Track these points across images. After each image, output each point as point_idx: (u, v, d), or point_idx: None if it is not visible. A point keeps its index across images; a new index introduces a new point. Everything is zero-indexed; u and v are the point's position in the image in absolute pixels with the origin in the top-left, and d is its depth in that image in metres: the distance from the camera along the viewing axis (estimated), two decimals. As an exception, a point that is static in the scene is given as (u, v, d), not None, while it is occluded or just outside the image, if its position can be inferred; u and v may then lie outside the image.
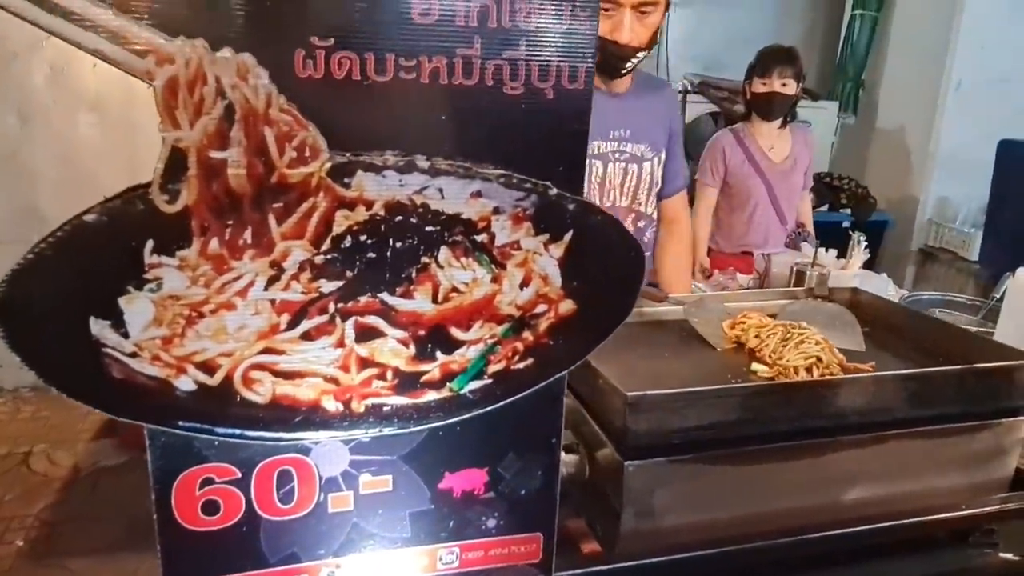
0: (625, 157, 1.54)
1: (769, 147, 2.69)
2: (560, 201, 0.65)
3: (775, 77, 2.53)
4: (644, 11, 1.35)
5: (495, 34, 0.61)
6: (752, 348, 1.10)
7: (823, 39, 4.23)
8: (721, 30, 4.11)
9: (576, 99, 0.65)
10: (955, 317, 2.00)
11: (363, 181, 0.60)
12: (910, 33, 3.80)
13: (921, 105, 3.68)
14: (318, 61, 0.58)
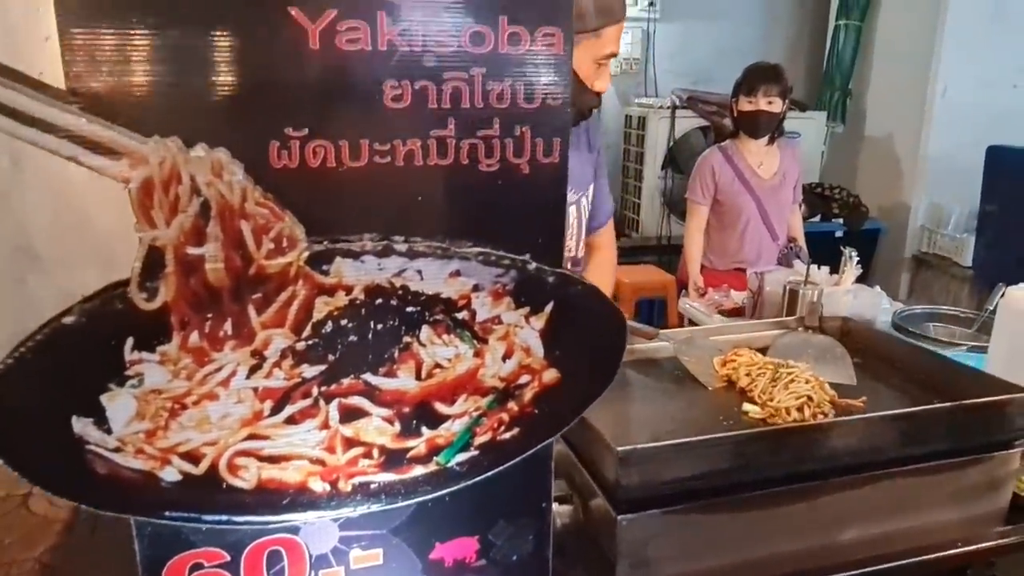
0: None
1: (758, 164, 2.70)
2: (539, 275, 0.65)
3: (760, 95, 2.55)
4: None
5: (469, 114, 0.62)
6: (743, 387, 1.10)
7: (809, 50, 4.26)
8: (708, 43, 4.13)
9: (552, 172, 0.65)
10: (950, 331, 2.01)
11: (342, 267, 0.60)
12: (894, 41, 3.83)
13: (908, 112, 3.69)
14: (293, 151, 0.58)
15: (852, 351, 1.25)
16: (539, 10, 0.61)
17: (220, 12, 0.55)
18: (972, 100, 3.55)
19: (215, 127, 0.56)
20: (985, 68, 3.53)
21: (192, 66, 0.55)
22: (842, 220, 3.62)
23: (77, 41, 0.53)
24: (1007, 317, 1.46)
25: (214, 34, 0.55)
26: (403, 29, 0.59)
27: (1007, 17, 3.49)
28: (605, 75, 1.34)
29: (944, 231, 3.61)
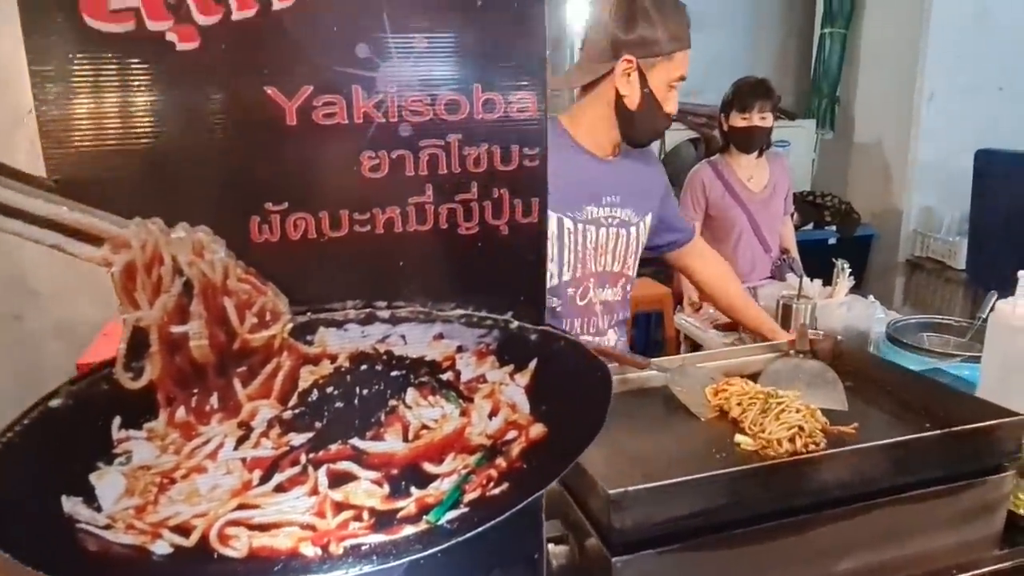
0: (616, 222, 1.56)
1: (748, 177, 2.72)
2: (522, 333, 0.66)
3: (755, 111, 2.57)
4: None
5: (446, 180, 0.63)
6: (735, 417, 1.11)
7: (796, 58, 4.29)
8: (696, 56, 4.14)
9: (531, 232, 0.66)
10: (944, 340, 2.01)
11: (325, 337, 0.61)
12: (880, 48, 3.86)
13: (897, 118, 3.72)
14: (273, 225, 0.59)
15: (843, 374, 1.26)
16: (513, 75, 0.62)
17: (198, 93, 0.56)
18: (959, 104, 3.58)
19: (196, 206, 0.57)
20: (970, 72, 3.56)
21: (171, 148, 0.56)
22: (835, 227, 3.64)
23: (55, 127, 0.54)
24: (997, 332, 1.47)
25: (192, 115, 0.56)
26: (378, 101, 0.60)
27: (990, 22, 3.52)
28: (674, 98, 1.45)
29: (936, 235, 3.62)
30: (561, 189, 1.51)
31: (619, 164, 1.55)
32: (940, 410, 1.13)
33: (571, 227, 1.48)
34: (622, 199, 1.55)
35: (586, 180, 1.49)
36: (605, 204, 1.53)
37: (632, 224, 1.57)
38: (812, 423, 1.04)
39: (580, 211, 1.49)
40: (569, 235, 1.49)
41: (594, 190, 1.50)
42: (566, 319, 1.54)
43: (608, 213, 1.54)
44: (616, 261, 1.58)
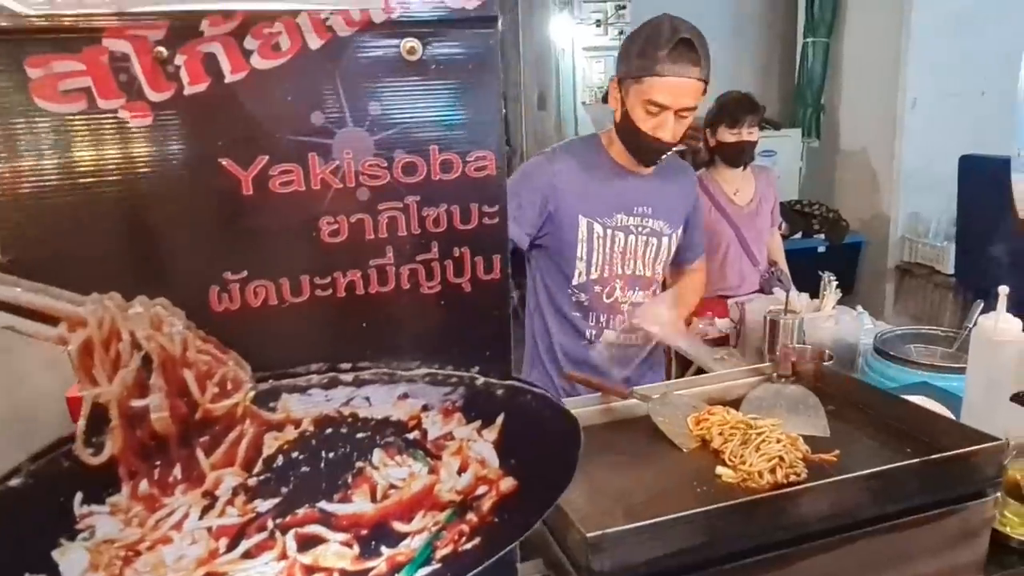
0: (647, 231, 1.68)
1: (734, 191, 2.73)
2: (488, 388, 0.66)
3: (745, 127, 2.58)
4: (684, 115, 1.51)
5: (406, 241, 0.63)
6: (717, 448, 1.11)
7: (779, 68, 4.32)
8: (679, 67, 4.18)
9: (494, 288, 0.66)
10: (931, 351, 2.02)
11: (288, 403, 0.61)
12: (862, 56, 3.88)
13: (881, 125, 3.74)
14: (233, 294, 0.59)
15: (826, 397, 1.26)
16: (470, 136, 0.63)
17: (152, 168, 0.56)
18: (942, 110, 3.61)
19: (154, 278, 0.57)
20: (952, 78, 3.59)
21: (127, 222, 0.56)
22: (823, 235, 3.65)
23: (5, 206, 0.54)
24: (979, 347, 1.47)
25: (147, 190, 0.56)
26: (335, 167, 0.60)
27: (969, 27, 3.55)
28: (663, 125, 1.48)
29: (924, 240, 3.64)
30: (593, 198, 1.61)
31: (654, 178, 1.67)
32: (922, 434, 1.13)
33: (600, 232, 1.62)
34: (654, 210, 1.67)
35: (619, 191, 1.63)
36: (636, 214, 1.66)
37: (664, 235, 1.70)
38: (793, 453, 1.04)
39: (611, 218, 1.63)
40: (598, 239, 1.63)
41: (626, 200, 1.63)
42: (592, 312, 1.67)
43: (639, 222, 1.67)
44: (647, 267, 1.71)
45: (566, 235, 1.60)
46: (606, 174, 1.62)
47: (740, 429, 1.09)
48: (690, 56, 1.46)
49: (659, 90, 1.45)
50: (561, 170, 1.60)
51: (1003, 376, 1.38)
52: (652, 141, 1.52)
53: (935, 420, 1.14)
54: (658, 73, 1.44)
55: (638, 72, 1.46)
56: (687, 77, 1.46)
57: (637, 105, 1.48)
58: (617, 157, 1.63)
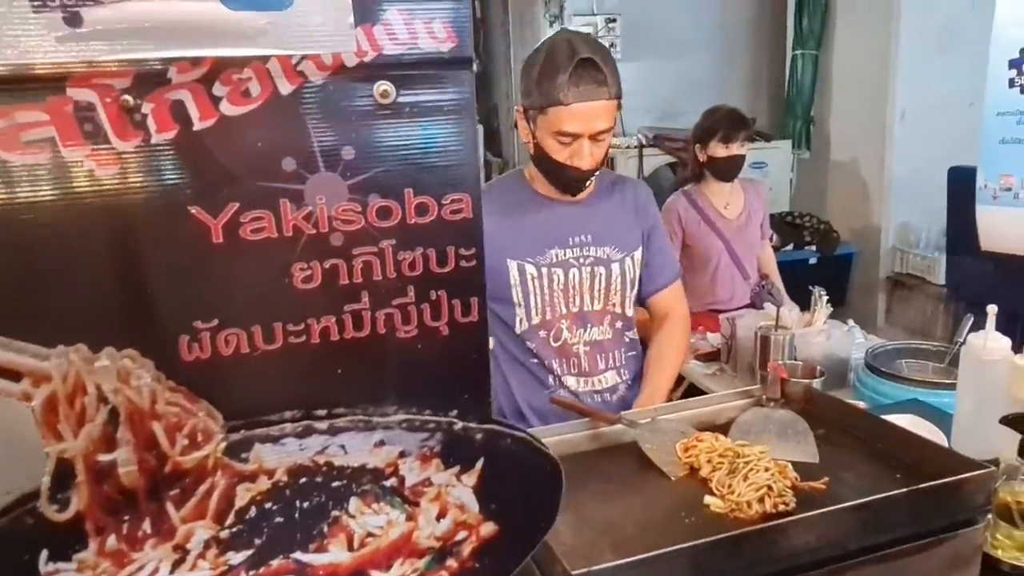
0: (590, 261, 1.54)
1: (723, 205, 2.73)
2: (466, 433, 0.65)
3: (737, 142, 2.58)
4: (599, 139, 1.40)
5: (382, 286, 0.62)
6: (705, 476, 1.10)
7: (769, 80, 4.34)
8: (672, 79, 4.21)
9: (472, 330, 0.65)
10: (922, 366, 2.01)
11: (261, 453, 0.60)
12: (851, 68, 3.90)
13: (871, 136, 3.76)
14: (204, 343, 0.58)
15: (815, 421, 1.25)
16: (445, 179, 0.62)
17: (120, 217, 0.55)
18: (931, 121, 3.62)
19: (122, 329, 0.56)
20: (940, 90, 3.61)
21: (95, 272, 0.55)
22: (814, 247, 3.66)
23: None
24: (969, 366, 1.47)
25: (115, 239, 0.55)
26: (307, 213, 0.59)
27: (956, 39, 3.57)
28: (579, 153, 1.37)
29: (915, 251, 3.65)
30: (520, 238, 1.49)
31: (589, 202, 1.55)
32: (912, 459, 1.12)
33: (534, 272, 1.49)
34: (595, 236, 1.54)
35: (547, 224, 1.50)
36: (573, 244, 1.53)
37: (614, 261, 1.55)
38: (781, 482, 1.03)
39: (543, 255, 1.50)
40: (533, 280, 1.50)
41: (557, 233, 1.51)
42: (545, 359, 1.54)
43: (578, 253, 1.53)
44: (596, 300, 1.55)
45: (498, 282, 1.48)
46: (532, 209, 1.51)
47: (728, 457, 1.08)
48: (594, 77, 1.32)
49: (567, 119, 1.33)
50: (494, 205, 1.47)
51: (993, 395, 1.38)
52: (571, 171, 1.41)
53: (924, 446, 1.13)
54: (562, 102, 1.31)
55: (542, 103, 1.35)
56: (595, 100, 1.33)
57: (547, 137, 1.38)
58: (541, 189, 1.53)
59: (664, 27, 4.15)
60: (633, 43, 4.10)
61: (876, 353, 2.03)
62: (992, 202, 1.67)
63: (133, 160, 0.54)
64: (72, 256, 0.54)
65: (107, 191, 0.54)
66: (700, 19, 4.21)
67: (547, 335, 1.53)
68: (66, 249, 0.54)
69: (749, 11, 4.29)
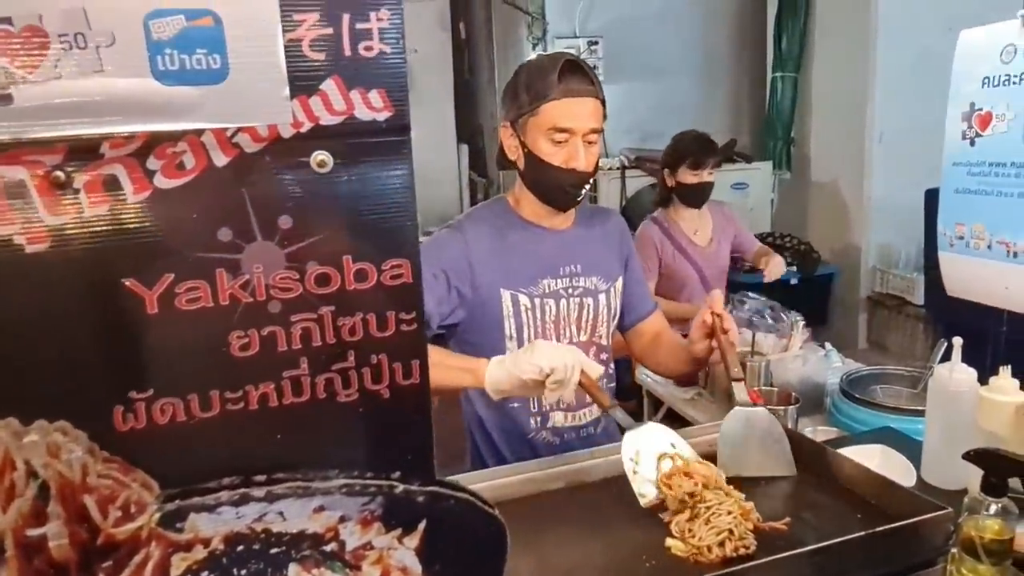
0: (579, 292, 1.51)
1: (693, 231, 2.73)
2: (408, 496, 0.65)
3: (706, 169, 2.59)
4: (590, 140, 1.38)
5: (321, 352, 0.62)
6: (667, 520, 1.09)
7: (750, 102, 4.39)
8: (653, 101, 4.25)
9: (414, 393, 0.65)
10: (896, 393, 2.02)
11: (196, 522, 0.59)
12: (830, 90, 3.96)
13: (850, 158, 3.81)
14: (139, 413, 0.58)
15: (781, 458, 1.26)
16: (384, 245, 0.62)
17: (53, 292, 0.55)
18: (908, 143, 3.67)
19: (55, 401, 0.56)
20: (917, 112, 3.65)
21: (26, 347, 0.55)
22: (795, 267, 3.69)
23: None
24: (937, 397, 1.48)
25: (47, 313, 0.55)
26: (244, 282, 0.59)
27: (931, 62, 3.61)
28: (575, 153, 1.35)
29: (895, 271, 3.68)
30: (513, 267, 1.45)
31: (576, 230, 1.52)
32: (873, 498, 1.13)
33: (527, 303, 1.45)
34: (584, 267, 1.51)
35: (539, 253, 1.47)
36: (564, 274, 1.49)
37: (601, 292, 1.53)
38: (742, 526, 1.03)
39: (536, 285, 1.46)
40: (527, 311, 1.45)
41: (549, 262, 1.47)
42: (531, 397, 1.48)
43: (568, 283, 1.49)
44: (582, 331, 1.52)
45: (489, 313, 1.43)
46: (521, 237, 1.46)
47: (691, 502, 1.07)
48: (580, 76, 1.34)
49: (560, 113, 1.32)
50: (473, 241, 1.43)
51: (960, 426, 1.38)
52: (568, 174, 1.37)
53: (885, 484, 1.14)
54: (554, 97, 1.32)
55: (532, 104, 1.34)
56: (584, 96, 1.34)
57: (540, 139, 1.35)
58: (529, 216, 1.48)
59: (646, 50, 4.20)
60: (615, 66, 4.15)
61: (851, 379, 2.04)
62: (949, 249, 1.69)
63: (64, 234, 0.54)
64: (3, 330, 0.54)
65: (38, 266, 0.54)
66: (681, 42, 4.27)
67: None
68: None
69: (730, 34, 4.35)
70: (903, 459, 1.46)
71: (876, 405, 1.89)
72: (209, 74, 0.55)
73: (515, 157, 1.44)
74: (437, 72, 4.85)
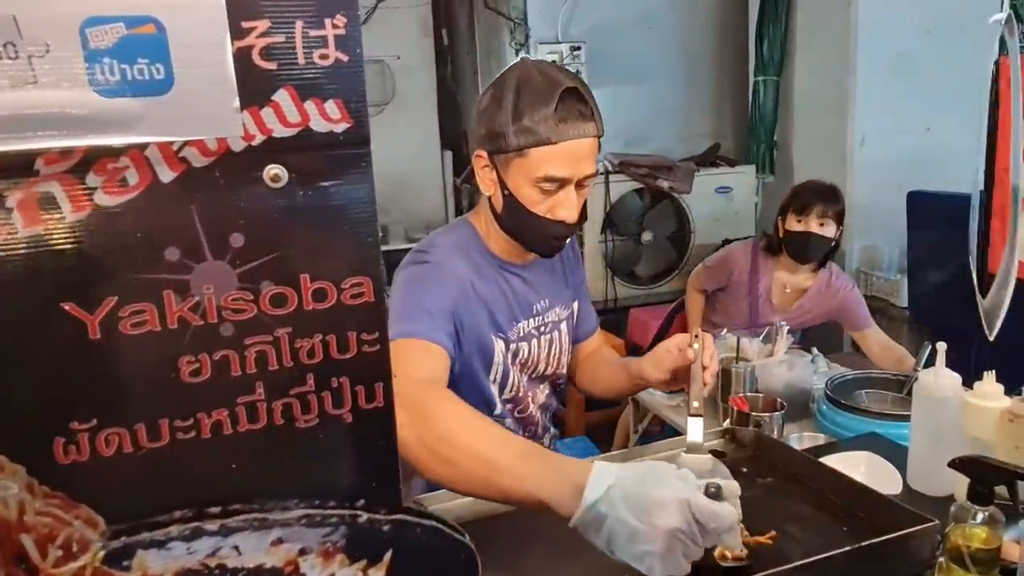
0: (549, 328, 1.39)
1: (783, 287, 2.50)
2: (372, 525, 0.62)
3: (814, 216, 2.32)
4: (584, 185, 1.21)
5: (278, 376, 0.59)
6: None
7: (733, 106, 4.40)
8: (637, 106, 4.25)
9: (379, 415, 0.62)
10: (881, 397, 2.01)
11: (145, 560, 0.56)
12: (811, 94, 3.97)
13: (832, 161, 3.81)
14: (81, 445, 0.55)
15: (764, 468, 1.24)
16: (345, 262, 0.59)
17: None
18: (890, 146, 3.69)
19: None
20: (898, 115, 3.68)
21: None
22: (780, 271, 3.68)
23: None
24: (921, 403, 1.47)
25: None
26: (194, 304, 0.56)
27: (910, 65, 3.65)
28: (565, 203, 1.16)
29: (879, 273, 3.69)
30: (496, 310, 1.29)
31: (537, 266, 1.38)
32: (859, 510, 1.11)
33: (503, 348, 1.31)
34: (551, 300, 1.40)
35: (513, 294, 1.32)
36: (535, 313, 1.36)
37: (562, 321, 1.43)
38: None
39: (512, 329, 1.31)
40: (511, 357, 1.32)
41: (522, 303, 1.34)
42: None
43: (540, 321, 1.38)
44: (549, 366, 1.42)
45: (476, 359, 1.27)
46: (496, 277, 1.29)
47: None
48: (581, 110, 1.13)
49: (554, 162, 1.12)
50: (468, 270, 1.25)
51: (946, 432, 1.37)
52: (554, 225, 1.18)
53: (871, 496, 1.12)
54: (548, 141, 1.11)
55: (521, 143, 1.12)
56: (584, 137, 1.13)
57: (525, 185, 1.15)
58: (499, 252, 1.30)
59: (628, 55, 4.19)
60: (598, 70, 4.14)
61: (836, 384, 2.03)
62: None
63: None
64: (-68, 359, 0.51)
65: (-31, 290, 0.51)
66: (664, 46, 4.27)
67: (512, 409, 1.38)
68: (-74, 351, 0.51)
69: (712, 38, 4.36)
70: (889, 466, 1.44)
71: (861, 411, 1.88)
72: (152, 84, 0.52)
73: (490, 192, 1.24)
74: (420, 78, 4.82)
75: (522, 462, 0.84)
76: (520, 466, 0.83)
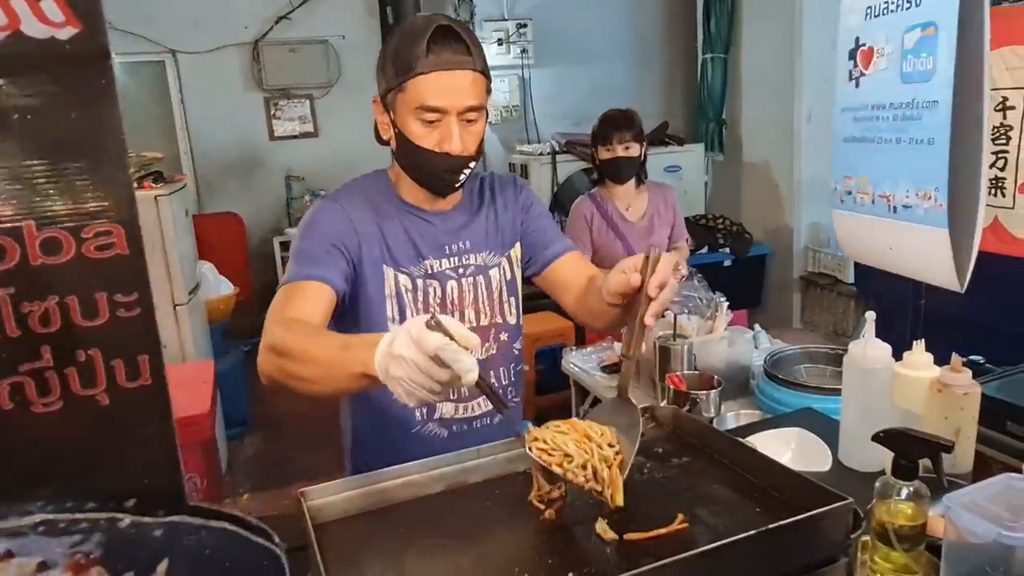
0: (470, 271, 1.36)
1: (625, 207, 2.67)
2: (139, 529, 0.51)
3: (615, 143, 2.54)
4: (469, 119, 1.22)
5: (1, 349, 0.47)
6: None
7: (683, 84, 4.33)
8: (585, 85, 4.16)
9: (147, 395, 0.51)
10: (820, 371, 1.97)
11: None
12: (759, 72, 3.93)
13: (780, 138, 3.78)
14: None
15: (681, 446, 1.15)
16: (84, 202, 0.47)
17: None
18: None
19: None
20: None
21: None
22: (728, 249, 3.64)
23: None
24: (851, 375, 1.41)
25: None
26: None
27: (857, 41, 3.62)
28: (448, 136, 1.19)
29: (826, 250, 3.67)
30: (393, 243, 1.28)
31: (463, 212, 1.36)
32: (775, 489, 1.03)
33: (407, 284, 1.30)
34: (473, 243, 1.36)
35: (421, 232, 1.31)
36: (451, 252, 1.34)
37: (492, 266, 1.38)
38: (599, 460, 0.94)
39: (417, 265, 1.31)
40: (407, 292, 1.30)
41: (432, 242, 1.32)
42: None
43: (457, 262, 1.35)
44: (482, 314, 1.37)
45: (371, 292, 1.29)
46: (400, 218, 1.32)
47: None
48: (454, 46, 1.18)
49: (427, 90, 1.17)
50: (353, 212, 1.29)
51: (876, 405, 1.32)
52: (441, 158, 1.21)
53: (787, 474, 1.04)
54: (420, 71, 1.16)
55: (398, 79, 1.18)
56: (458, 68, 1.17)
57: (409, 119, 1.21)
58: (409, 198, 1.33)
59: (576, 33, 4.09)
60: (545, 48, 4.03)
61: (776, 359, 1.97)
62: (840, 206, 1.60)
63: None
64: None
65: None
66: (612, 24, 4.18)
67: None
68: None
69: (660, 16, 4.28)
70: (820, 442, 1.38)
71: (798, 385, 1.83)
72: None
73: (388, 137, 1.28)
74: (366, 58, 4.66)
75: (344, 352, 0.93)
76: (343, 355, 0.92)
